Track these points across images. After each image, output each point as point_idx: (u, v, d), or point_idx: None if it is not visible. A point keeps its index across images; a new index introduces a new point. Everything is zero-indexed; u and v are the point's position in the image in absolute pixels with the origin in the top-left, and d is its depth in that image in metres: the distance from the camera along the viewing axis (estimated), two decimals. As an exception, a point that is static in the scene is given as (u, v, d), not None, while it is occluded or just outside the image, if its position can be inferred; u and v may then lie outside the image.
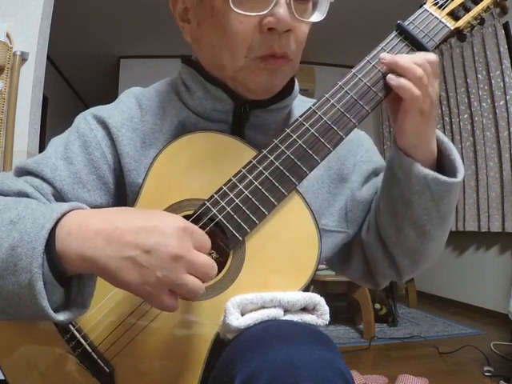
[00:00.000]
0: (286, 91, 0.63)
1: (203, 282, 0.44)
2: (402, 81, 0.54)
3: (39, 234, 0.42)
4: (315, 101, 0.57)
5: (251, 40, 0.53)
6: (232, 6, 0.51)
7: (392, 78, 0.55)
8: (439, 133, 0.61)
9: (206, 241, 0.46)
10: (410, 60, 0.54)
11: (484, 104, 3.02)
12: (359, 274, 0.73)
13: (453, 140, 3.35)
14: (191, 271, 0.43)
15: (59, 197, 0.58)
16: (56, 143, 0.62)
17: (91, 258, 0.42)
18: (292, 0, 0.52)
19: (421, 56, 0.55)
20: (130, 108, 0.63)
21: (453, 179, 0.58)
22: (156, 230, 0.43)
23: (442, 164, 0.60)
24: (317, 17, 0.57)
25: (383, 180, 0.65)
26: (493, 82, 2.91)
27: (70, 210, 0.45)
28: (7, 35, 1.85)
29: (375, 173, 0.71)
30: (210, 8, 0.54)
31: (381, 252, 0.67)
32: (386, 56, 0.56)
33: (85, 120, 0.63)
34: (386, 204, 0.63)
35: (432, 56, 0.55)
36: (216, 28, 0.55)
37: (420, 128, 0.56)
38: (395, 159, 0.60)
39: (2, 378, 0.57)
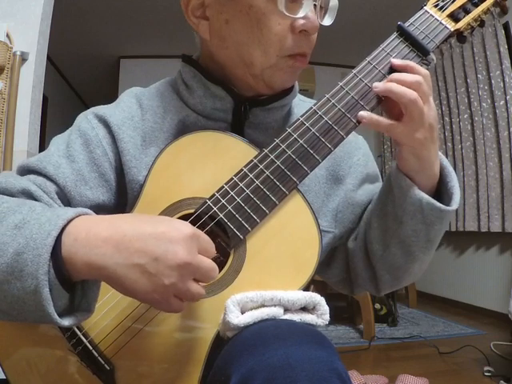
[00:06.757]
0: (286, 90, 0.63)
1: (205, 283, 0.46)
2: (394, 124, 0.54)
3: (45, 241, 0.41)
4: (315, 101, 0.58)
5: (285, 40, 0.56)
6: (280, 7, 0.54)
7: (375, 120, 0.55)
8: (442, 157, 0.60)
9: (211, 246, 0.47)
10: (403, 86, 0.53)
11: (484, 104, 3.02)
12: (337, 279, 0.73)
13: (453, 140, 3.35)
14: (196, 276, 0.44)
15: (62, 194, 0.58)
16: (58, 142, 0.62)
17: (99, 266, 0.42)
18: (319, 7, 0.58)
19: (413, 74, 0.54)
20: (131, 107, 0.64)
21: (447, 207, 0.56)
22: (164, 237, 0.43)
23: (441, 189, 0.60)
24: (328, 21, 0.61)
25: (379, 194, 0.64)
26: (493, 82, 2.91)
27: (76, 216, 0.45)
28: (7, 35, 1.85)
29: (369, 179, 0.71)
30: (247, 6, 0.55)
31: (363, 263, 0.67)
32: (378, 85, 0.55)
33: (86, 119, 0.63)
34: (378, 218, 0.63)
35: (424, 72, 0.54)
36: (251, 26, 0.56)
37: (420, 153, 0.55)
38: (394, 177, 0.59)
39: (3, 377, 0.57)
